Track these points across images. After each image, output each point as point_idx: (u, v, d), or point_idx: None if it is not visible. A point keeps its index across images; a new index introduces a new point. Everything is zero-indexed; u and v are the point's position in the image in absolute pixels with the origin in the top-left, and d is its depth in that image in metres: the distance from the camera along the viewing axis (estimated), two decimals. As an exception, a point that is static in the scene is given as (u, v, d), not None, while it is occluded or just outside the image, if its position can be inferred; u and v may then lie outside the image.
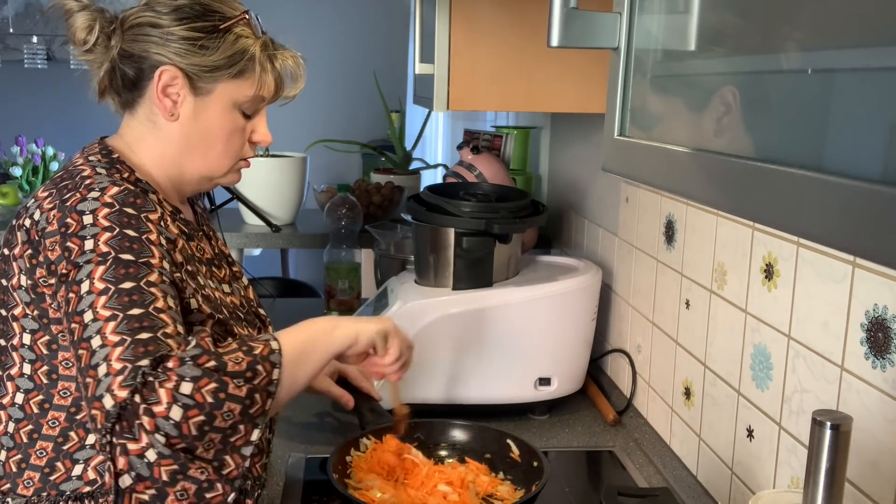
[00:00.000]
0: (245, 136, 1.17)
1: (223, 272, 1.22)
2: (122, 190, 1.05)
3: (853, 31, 0.43)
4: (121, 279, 0.98)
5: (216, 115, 1.13)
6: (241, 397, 0.94)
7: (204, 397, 0.92)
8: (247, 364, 0.96)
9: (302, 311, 2.50)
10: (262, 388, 0.97)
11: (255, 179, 2.40)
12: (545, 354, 1.60)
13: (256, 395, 0.96)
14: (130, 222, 1.02)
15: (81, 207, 1.02)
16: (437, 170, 2.87)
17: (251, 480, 1.20)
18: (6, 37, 4.40)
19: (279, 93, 1.18)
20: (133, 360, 0.93)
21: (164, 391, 0.91)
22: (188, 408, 0.91)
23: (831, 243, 0.43)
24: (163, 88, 1.11)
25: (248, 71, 1.12)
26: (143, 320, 0.96)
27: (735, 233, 1.21)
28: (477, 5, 1.47)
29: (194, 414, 0.92)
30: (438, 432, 1.37)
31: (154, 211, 1.06)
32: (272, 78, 1.15)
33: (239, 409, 0.94)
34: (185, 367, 0.93)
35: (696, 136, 0.62)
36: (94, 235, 1.00)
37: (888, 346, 0.87)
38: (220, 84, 1.11)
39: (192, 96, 1.11)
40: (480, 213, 1.57)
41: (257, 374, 0.97)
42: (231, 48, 1.11)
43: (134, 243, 1.01)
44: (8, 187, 2.69)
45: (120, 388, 0.92)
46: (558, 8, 0.66)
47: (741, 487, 1.21)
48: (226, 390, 0.93)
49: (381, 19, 4.75)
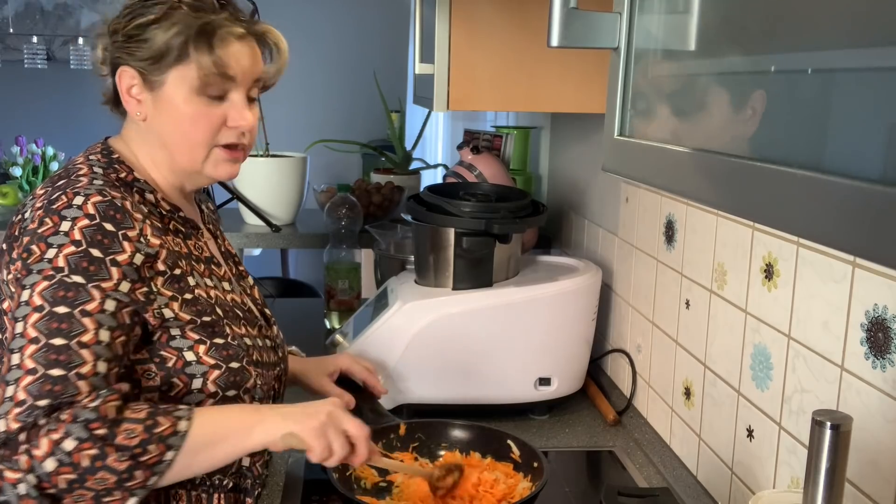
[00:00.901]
0: (216, 120, 1.13)
1: (223, 270, 1.22)
2: (106, 201, 1.04)
3: (853, 31, 0.43)
4: (57, 301, 0.99)
5: (176, 106, 1.11)
6: (118, 471, 0.95)
7: (81, 460, 0.94)
8: (139, 441, 0.97)
9: (302, 312, 2.51)
10: (147, 466, 0.97)
11: (255, 179, 2.40)
12: (545, 354, 1.60)
13: (138, 471, 0.97)
14: (102, 241, 1.02)
15: (65, 213, 1.03)
16: (437, 170, 2.87)
17: (251, 479, 1.20)
18: (6, 37, 4.40)
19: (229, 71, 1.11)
20: (35, 396, 0.96)
21: (47, 441, 0.94)
22: (62, 464, 0.94)
23: (831, 243, 0.43)
24: (127, 90, 1.12)
25: (187, 55, 1.09)
26: (62, 353, 0.98)
27: (735, 233, 1.21)
28: (477, 5, 1.47)
29: (66, 471, 0.94)
30: (438, 432, 1.37)
31: (132, 227, 1.05)
32: (210, 60, 1.09)
33: (114, 479, 0.96)
34: (75, 426, 0.95)
35: (696, 136, 0.62)
36: (60, 245, 1.01)
37: (888, 346, 0.87)
38: (169, 74, 1.10)
39: (150, 92, 1.11)
40: (480, 213, 1.57)
41: (147, 452, 0.97)
42: (166, 35, 1.08)
43: (92, 264, 1.01)
44: (8, 187, 2.69)
45: (14, 419, 0.95)
46: (558, 8, 0.66)
47: (741, 487, 1.21)
48: (104, 460, 0.95)
49: (381, 19, 4.75)
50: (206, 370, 1.09)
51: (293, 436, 1.04)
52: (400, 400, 1.58)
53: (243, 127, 1.14)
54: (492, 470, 1.29)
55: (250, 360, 1.14)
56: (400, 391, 1.57)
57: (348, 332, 1.67)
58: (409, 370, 1.56)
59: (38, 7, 4.30)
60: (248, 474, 1.19)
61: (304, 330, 2.15)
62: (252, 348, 1.16)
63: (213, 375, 1.09)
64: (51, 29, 4.34)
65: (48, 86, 4.59)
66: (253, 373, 1.14)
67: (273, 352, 1.23)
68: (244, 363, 1.13)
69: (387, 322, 1.57)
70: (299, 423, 1.04)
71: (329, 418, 1.06)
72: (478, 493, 1.22)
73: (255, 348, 1.17)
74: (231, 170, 1.17)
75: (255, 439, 1.04)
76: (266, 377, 1.18)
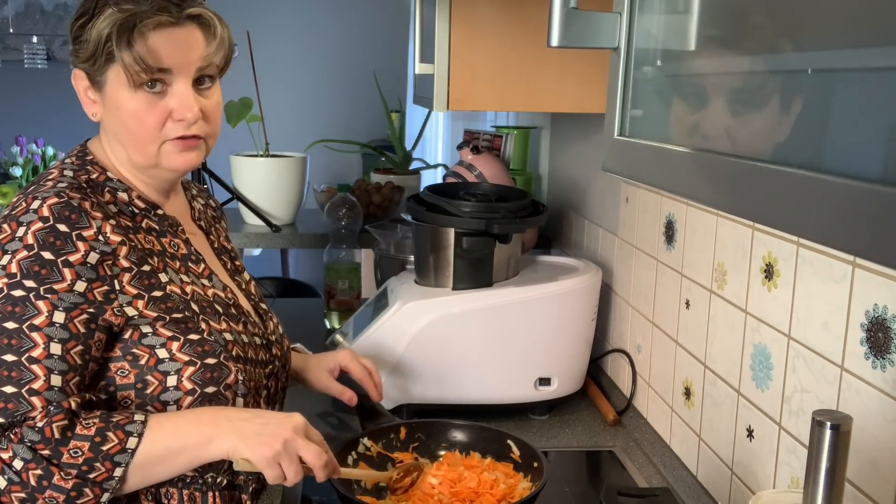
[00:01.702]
0: (159, 114, 1.10)
1: (203, 267, 1.20)
2: (61, 202, 1.04)
3: (853, 31, 0.43)
4: (5, 317, 1.00)
5: (120, 103, 1.10)
6: (66, 489, 0.97)
7: (29, 478, 0.97)
8: (84, 459, 0.98)
9: (302, 311, 2.51)
10: (95, 483, 0.99)
11: (255, 179, 2.40)
12: (545, 354, 1.60)
13: (86, 488, 0.98)
14: (55, 243, 1.02)
15: (22, 218, 1.03)
16: (437, 170, 2.87)
17: (244, 475, 1.19)
18: (6, 37, 4.40)
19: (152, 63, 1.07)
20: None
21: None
22: (13, 482, 0.96)
23: (831, 243, 0.43)
24: (84, 92, 1.13)
25: (112, 51, 1.07)
26: (13, 370, 0.99)
27: (735, 233, 1.21)
28: (477, 5, 1.47)
29: (17, 490, 0.97)
30: (438, 432, 1.37)
31: (88, 227, 1.04)
32: (130, 55, 1.06)
33: (62, 498, 0.97)
34: (21, 447, 0.97)
35: (695, 135, 0.62)
36: (14, 251, 1.02)
37: (888, 346, 0.87)
38: (107, 73, 1.09)
39: (98, 92, 1.12)
40: (480, 213, 1.57)
41: (94, 469, 0.99)
42: (95, 34, 1.07)
43: (44, 267, 1.01)
44: (8, 187, 2.70)
45: None
46: (558, 8, 0.66)
47: (741, 487, 1.21)
48: (50, 480, 0.97)
49: (381, 19, 4.75)
50: (179, 367, 1.08)
51: (247, 462, 1.03)
52: (400, 400, 1.58)
53: (189, 118, 1.10)
54: (492, 470, 1.29)
55: (229, 355, 1.12)
56: (400, 391, 1.57)
57: (348, 332, 1.67)
58: (409, 370, 1.56)
59: (38, 7, 4.30)
60: (240, 472, 1.19)
61: (304, 330, 2.15)
62: (233, 343, 1.14)
63: (187, 372, 1.08)
64: (51, 29, 4.34)
65: (48, 86, 4.57)
66: (233, 368, 1.12)
67: (264, 349, 1.22)
68: (221, 358, 1.11)
69: (387, 322, 1.57)
70: (252, 450, 1.02)
71: (284, 447, 1.03)
72: (478, 493, 1.22)
73: (236, 343, 1.15)
74: (187, 159, 1.14)
75: (213, 452, 1.04)
76: (251, 373, 1.16)
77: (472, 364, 1.58)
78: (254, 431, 1.04)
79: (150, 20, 1.06)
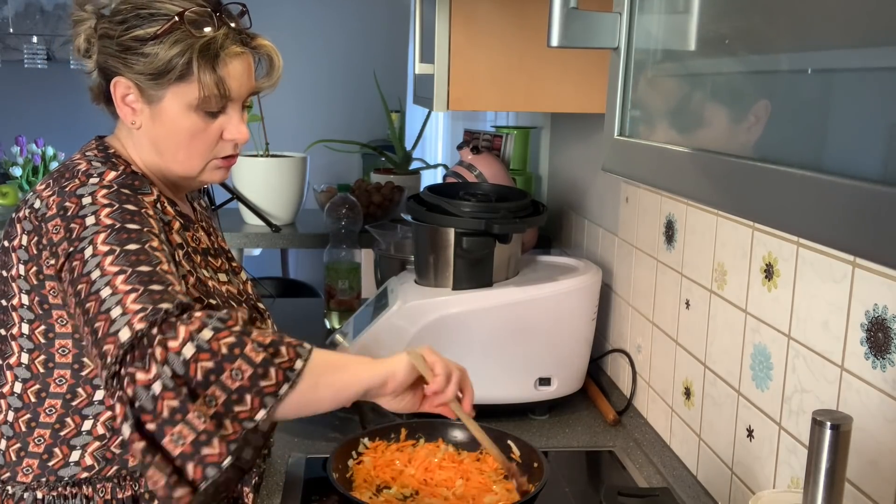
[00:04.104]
0: (213, 135, 1.15)
1: (220, 262, 1.23)
2: (120, 174, 1.08)
3: (853, 31, 0.43)
4: (125, 241, 1.00)
5: (173, 120, 1.12)
6: (255, 362, 0.93)
7: (220, 347, 0.92)
8: (271, 341, 0.96)
9: (302, 312, 2.51)
10: (280, 367, 0.95)
11: (255, 179, 2.40)
12: (545, 354, 1.60)
13: (272, 369, 0.94)
14: (130, 199, 1.04)
15: (80, 192, 1.04)
16: (437, 170, 2.87)
17: None
18: (6, 37, 4.40)
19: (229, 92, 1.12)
20: (152, 303, 0.94)
21: (184, 329, 0.92)
22: (201, 350, 0.92)
23: (831, 243, 0.43)
24: (122, 98, 1.12)
25: (189, 74, 1.09)
26: (153, 277, 0.97)
27: (735, 233, 1.21)
28: (477, 5, 1.47)
29: (205, 357, 0.92)
30: (438, 432, 1.37)
31: (150, 193, 1.09)
32: (212, 80, 1.09)
33: (250, 372, 0.93)
34: (212, 320, 0.94)
35: (695, 135, 0.62)
36: (95, 212, 1.02)
37: (888, 346, 0.87)
38: (168, 90, 1.10)
39: (146, 105, 1.12)
40: (480, 213, 1.57)
41: (279, 353, 0.96)
42: (168, 53, 1.08)
43: (135, 216, 1.03)
44: (8, 187, 2.69)
45: (139, 321, 0.93)
46: (558, 8, 0.66)
47: (741, 487, 1.21)
48: (242, 349, 0.93)
49: (381, 19, 4.75)
50: None
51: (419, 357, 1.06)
52: (400, 400, 1.58)
53: (240, 141, 1.16)
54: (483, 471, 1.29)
55: None
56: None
57: (348, 332, 1.67)
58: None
59: (38, 7, 4.30)
60: None
61: (304, 330, 2.15)
62: None
63: None
64: (51, 29, 4.34)
65: (48, 86, 4.59)
66: None
67: None
68: None
69: (387, 322, 1.57)
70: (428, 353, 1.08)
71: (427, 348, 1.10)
72: (478, 494, 1.22)
73: None
74: (223, 175, 1.21)
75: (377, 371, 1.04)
76: None
77: (472, 364, 1.57)
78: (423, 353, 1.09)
79: (231, 49, 1.11)
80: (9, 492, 1.10)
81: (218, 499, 0.94)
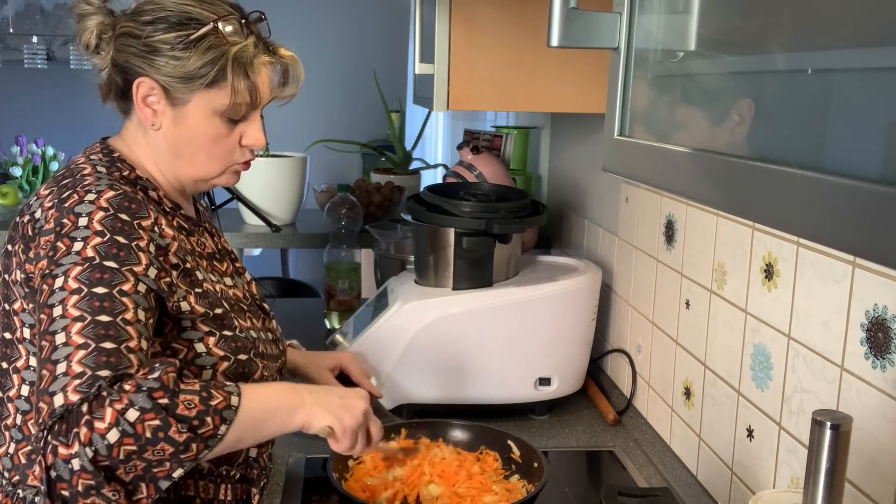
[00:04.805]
0: (233, 141, 1.15)
1: (225, 265, 1.23)
2: (119, 194, 1.05)
3: (853, 31, 0.43)
4: (94, 283, 0.99)
5: (196, 124, 1.12)
6: (177, 442, 0.94)
7: (144, 430, 0.93)
8: (197, 412, 0.96)
9: (302, 311, 2.51)
10: (202, 439, 0.97)
11: (255, 179, 2.39)
12: (545, 354, 1.60)
13: (193, 444, 0.96)
14: (123, 228, 1.03)
15: (78, 210, 1.03)
16: (437, 170, 2.87)
17: (258, 470, 1.21)
18: (6, 37, 4.40)
19: (260, 100, 1.14)
20: (94, 367, 0.94)
21: (111, 411, 0.92)
22: (126, 434, 0.92)
23: (831, 243, 0.43)
24: (143, 99, 1.11)
25: (222, 80, 1.09)
26: (110, 329, 0.97)
27: (735, 233, 1.21)
28: (477, 5, 1.47)
29: (128, 442, 0.92)
30: (438, 432, 1.37)
31: (147, 217, 1.06)
32: (245, 87, 1.11)
33: (171, 451, 0.94)
34: (139, 395, 0.93)
35: (695, 135, 0.62)
36: (85, 238, 1.01)
37: (888, 346, 0.87)
38: (195, 94, 1.10)
39: (171, 107, 1.11)
40: (480, 213, 1.57)
41: (204, 424, 0.96)
42: (201, 59, 1.08)
43: (122, 250, 1.01)
44: (8, 187, 2.69)
45: (74, 391, 0.93)
46: (558, 8, 0.66)
47: (741, 487, 1.21)
48: (166, 432, 0.94)
49: (381, 19, 4.75)
50: (215, 361, 1.10)
51: (331, 430, 1.07)
52: (400, 400, 1.58)
53: (258, 148, 1.18)
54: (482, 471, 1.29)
55: (257, 352, 1.16)
56: (400, 391, 1.57)
57: (348, 332, 1.67)
58: (409, 370, 1.56)
59: (38, 7, 4.30)
60: (254, 465, 1.21)
61: (304, 330, 2.15)
62: (258, 340, 1.18)
63: (222, 367, 1.11)
64: (51, 29, 4.34)
65: (48, 86, 4.59)
66: (259, 364, 1.16)
67: (274, 344, 1.25)
68: (251, 355, 1.15)
69: (387, 322, 1.57)
70: (339, 420, 1.08)
71: (364, 418, 1.10)
72: (478, 494, 1.22)
73: (259, 340, 1.19)
74: (235, 179, 1.22)
75: (296, 422, 1.06)
76: (270, 369, 1.20)
77: (472, 364, 1.58)
78: (336, 403, 1.09)
79: (262, 57, 1.13)
80: (20, 495, 1.10)
81: None
